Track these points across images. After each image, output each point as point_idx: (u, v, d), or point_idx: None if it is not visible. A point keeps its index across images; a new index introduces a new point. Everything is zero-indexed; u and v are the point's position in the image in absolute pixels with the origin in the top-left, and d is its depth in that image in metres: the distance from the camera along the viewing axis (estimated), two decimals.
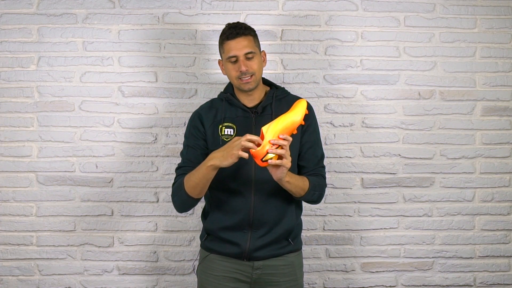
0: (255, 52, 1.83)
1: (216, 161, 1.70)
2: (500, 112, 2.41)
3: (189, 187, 1.78)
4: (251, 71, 1.81)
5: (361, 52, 2.39)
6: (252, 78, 1.82)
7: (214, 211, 1.88)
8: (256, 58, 1.83)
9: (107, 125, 2.35)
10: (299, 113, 1.71)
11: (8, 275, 2.34)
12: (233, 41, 1.80)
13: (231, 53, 1.81)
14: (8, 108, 2.34)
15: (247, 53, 1.80)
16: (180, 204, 1.85)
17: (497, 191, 2.42)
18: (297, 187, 1.77)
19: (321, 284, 2.40)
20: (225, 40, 1.83)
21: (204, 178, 1.74)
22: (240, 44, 1.80)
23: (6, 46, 2.33)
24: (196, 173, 1.76)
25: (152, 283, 2.37)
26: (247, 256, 1.83)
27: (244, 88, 1.83)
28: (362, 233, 2.40)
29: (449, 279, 2.42)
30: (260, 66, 1.86)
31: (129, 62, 2.35)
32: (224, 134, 1.85)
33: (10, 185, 2.34)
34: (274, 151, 1.63)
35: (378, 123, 2.39)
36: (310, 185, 1.81)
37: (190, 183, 1.77)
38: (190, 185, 1.77)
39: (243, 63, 1.80)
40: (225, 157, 1.68)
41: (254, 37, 1.86)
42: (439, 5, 2.40)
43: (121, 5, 2.36)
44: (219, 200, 1.87)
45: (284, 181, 1.71)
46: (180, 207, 1.87)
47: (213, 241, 1.89)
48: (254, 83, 1.83)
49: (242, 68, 1.79)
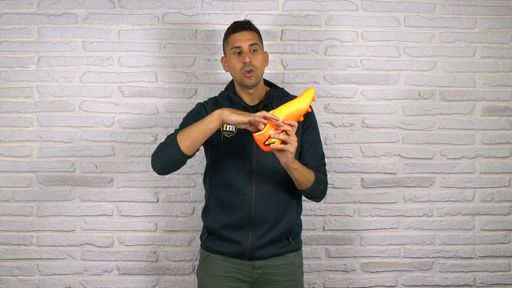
0: (259, 46, 1.85)
1: (225, 110, 1.68)
2: (500, 112, 2.41)
3: (182, 135, 1.71)
4: (254, 65, 1.81)
5: (361, 52, 2.39)
6: (254, 73, 1.82)
7: (215, 209, 1.88)
8: (259, 53, 1.84)
9: (107, 125, 2.35)
10: (305, 100, 1.70)
11: (8, 275, 2.34)
12: (238, 33, 1.83)
13: (235, 43, 1.82)
14: (8, 108, 2.34)
15: (252, 44, 1.82)
16: (163, 159, 1.76)
17: (497, 191, 2.42)
18: (303, 176, 1.76)
19: (321, 284, 2.40)
20: (230, 33, 1.86)
21: (204, 127, 1.69)
22: (245, 36, 1.83)
23: (6, 46, 2.33)
24: (196, 124, 1.72)
25: (152, 283, 2.38)
26: (248, 256, 1.83)
27: (246, 82, 1.83)
28: (362, 233, 2.40)
29: (449, 279, 2.42)
30: (263, 63, 1.86)
31: (129, 62, 2.35)
32: (225, 130, 1.85)
33: (10, 185, 2.34)
34: (276, 136, 1.64)
35: (378, 123, 2.39)
36: (316, 178, 1.80)
37: (186, 131, 1.72)
38: (184, 133, 1.71)
39: (247, 55, 1.81)
40: (234, 113, 1.67)
41: (258, 34, 1.89)
42: (439, 5, 2.40)
43: (121, 5, 2.36)
44: (220, 197, 1.86)
45: (291, 168, 1.70)
46: (162, 162, 1.77)
47: (213, 240, 1.88)
48: (256, 79, 1.84)
49: (246, 59, 1.80)
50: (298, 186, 1.80)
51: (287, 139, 1.64)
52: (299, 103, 1.69)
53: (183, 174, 2.36)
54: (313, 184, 1.79)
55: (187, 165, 2.34)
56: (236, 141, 1.84)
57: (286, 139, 1.64)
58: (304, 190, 1.81)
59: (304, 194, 1.85)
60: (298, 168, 1.73)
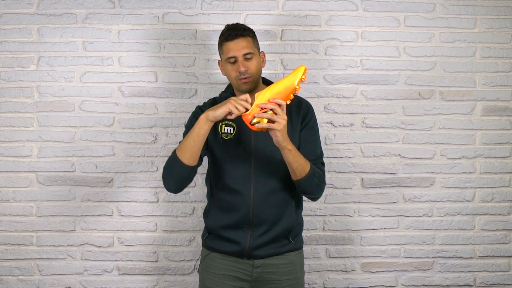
0: (254, 53, 1.84)
1: (208, 111, 1.71)
2: (500, 112, 2.41)
3: (181, 150, 1.74)
4: (249, 72, 1.81)
5: (361, 52, 2.39)
6: (250, 79, 1.82)
7: (215, 210, 1.89)
8: (254, 59, 1.83)
9: (107, 125, 2.35)
10: (293, 77, 1.69)
11: (8, 275, 2.34)
12: (232, 42, 1.81)
13: (229, 54, 1.82)
14: (8, 108, 2.34)
15: (246, 53, 1.81)
16: (173, 178, 1.79)
17: (497, 191, 2.42)
18: (297, 162, 1.73)
19: (321, 284, 2.40)
20: (224, 41, 1.84)
21: (196, 135, 1.71)
22: (239, 45, 1.81)
23: (6, 46, 2.33)
24: (188, 135, 1.74)
25: (152, 283, 2.38)
26: (247, 255, 1.84)
27: (242, 88, 1.83)
28: (362, 233, 2.40)
29: (449, 279, 2.42)
30: (259, 67, 1.86)
31: (129, 62, 2.35)
32: (224, 132, 1.86)
33: (10, 185, 2.34)
34: (260, 115, 1.64)
35: (378, 123, 2.39)
36: (312, 169, 1.77)
37: (182, 145, 1.75)
38: (182, 147, 1.74)
39: (242, 64, 1.81)
40: (217, 108, 1.69)
41: (253, 38, 1.87)
42: (439, 5, 2.40)
43: (121, 5, 2.36)
44: (219, 198, 1.88)
45: (284, 147, 1.69)
46: (173, 182, 1.80)
47: (214, 239, 1.89)
48: (252, 84, 1.84)
49: (241, 69, 1.80)
50: (293, 174, 1.77)
51: (272, 117, 1.64)
52: (287, 82, 1.69)
53: None
54: (308, 174, 1.76)
55: None
56: (234, 143, 1.85)
57: (271, 117, 1.64)
58: (298, 180, 1.77)
59: (299, 186, 1.81)
60: (292, 150, 1.71)
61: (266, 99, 1.67)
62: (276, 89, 1.68)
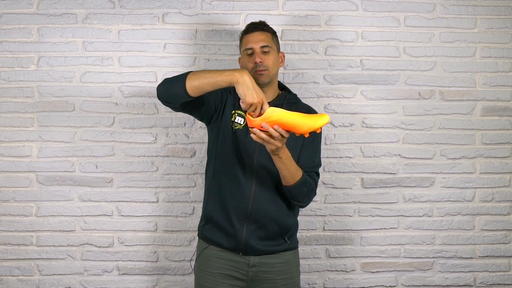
0: (272, 48, 1.87)
1: (246, 77, 1.64)
2: (500, 112, 2.41)
3: (194, 74, 1.69)
4: (265, 65, 1.84)
5: (361, 52, 2.39)
6: (265, 73, 1.85)
7: (214, 196, 1.89)
8: (272, 54, 1.87)
9: (107, 125, 2.35)
10: (311, 123, 1.63)
11: (8, 275, 2.34)
12: (251, 34, 1.88)
13: (248, 45, 1.87)
14: (8, 108, 2.34)
15: (263, 46, 1.85)
16: (168, 86, 1.75)
17: (497, 191, 2.42)
18: (287, 169, 1.74)
19: (321, 284, 2.40)
20: (244, 34, 1.91)
21: (214, 77, 1.66)
22: (257, 37, 1.87)
23: (6, 46, 2.33)
24: (212, 71, 1.69)
25: (152, 283, 2.37)
26: (242, 249, 1.84)
27: (258, 80, 1.82)
28: (362, 233, 2.40)
29: (449, 279, 2.42)
30: (276, 63, 1.89)
31: (129, 62, 2.35)
32: (234, 122, 1.88)
33: (10, 185, 2.34)
34: (258, 133, 1.63)
35: (378, 123, 2.39)
36: (302, 178, 1.79)
37: (200, 72, 1.70)
38: (197, 73, 1.69)
39: (258, 55, 1.84)
40: (250, 89, 1.63)
41: (273, 35, 1.92)
42: (439, 5, 2.40)
43: (121, 5, 2.36)
44: (221, 184, 1.88)
45: (274, 155, 1.70)
46: (165, 89, 1.75)
47: (210, 230, 1.89)
48: (267, 78, 1.86)
49: (257, 60, 1.83)
50: (282, 179, 1.79)
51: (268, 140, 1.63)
52: (302, 122, 1.62)
53: (183, 174, 2.36)
54: (297, 183, 1.78)
55: (187, 165, 2.35)
56: (241, 135, 1.86)
57: (266, 140, 1.63)
58: (287, 186, 1.80)
59: (288, 192, 1.82)
60: (282, 158, 1.71)
61: (274, 123, 1.62)
62: (287, 120, 1.62)
